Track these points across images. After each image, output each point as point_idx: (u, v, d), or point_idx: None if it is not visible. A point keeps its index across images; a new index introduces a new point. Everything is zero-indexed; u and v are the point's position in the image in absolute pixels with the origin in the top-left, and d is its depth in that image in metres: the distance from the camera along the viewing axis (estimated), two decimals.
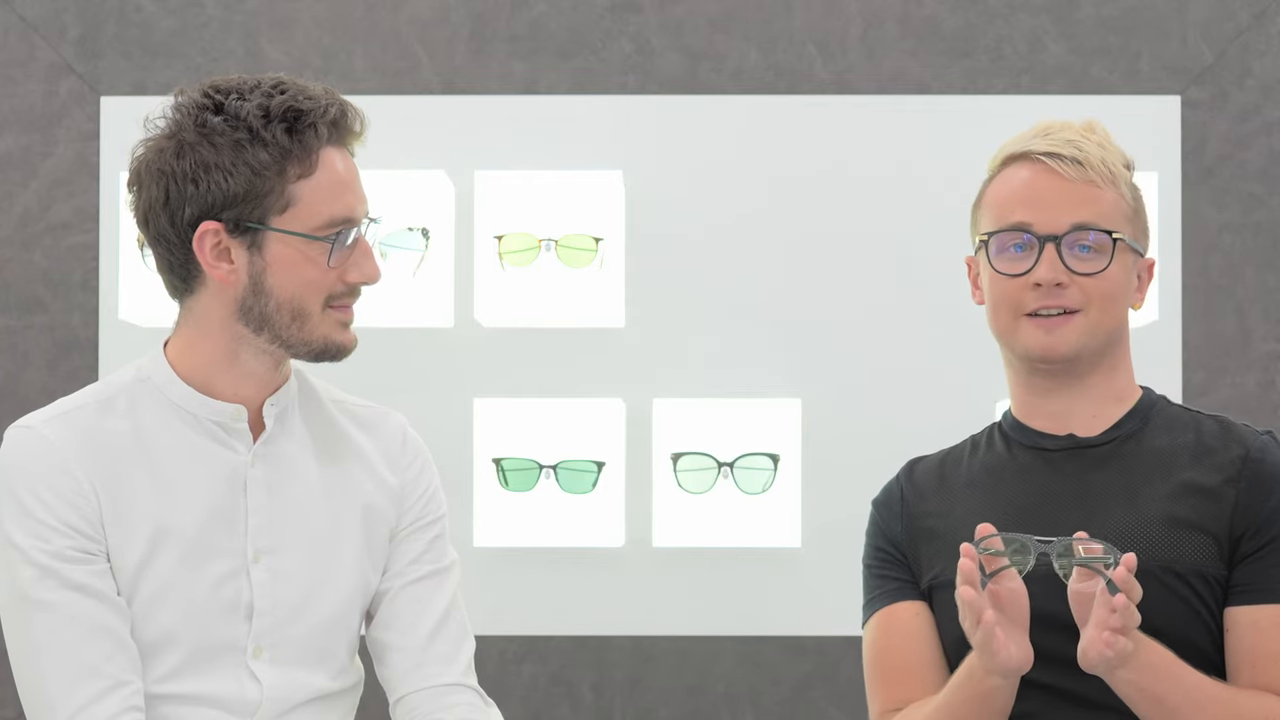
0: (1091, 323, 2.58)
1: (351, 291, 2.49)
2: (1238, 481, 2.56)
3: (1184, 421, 2.64)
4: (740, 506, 4.12)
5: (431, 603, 2.59)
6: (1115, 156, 2.63)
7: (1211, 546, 2.54)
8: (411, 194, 4.09)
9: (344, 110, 2.47)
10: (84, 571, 2.42)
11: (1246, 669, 2.53)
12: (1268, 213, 4.18)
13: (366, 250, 2.49)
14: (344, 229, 2.45)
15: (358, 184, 2.49)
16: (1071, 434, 2.63)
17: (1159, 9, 4.20)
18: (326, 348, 2.48)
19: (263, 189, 2.42)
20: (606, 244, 4.10)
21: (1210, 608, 2.54)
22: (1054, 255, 2.56)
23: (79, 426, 2.47)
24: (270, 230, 2.43)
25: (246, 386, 2.51)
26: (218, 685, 2.47)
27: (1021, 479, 2.63)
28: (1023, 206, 2.60)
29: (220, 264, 2.45)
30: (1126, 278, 2.61)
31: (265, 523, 2.50)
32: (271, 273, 2.44)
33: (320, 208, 2.44)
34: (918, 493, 2.69)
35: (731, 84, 4.21)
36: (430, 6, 4.23)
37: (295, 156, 2.42)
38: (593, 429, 4.13)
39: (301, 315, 2.45)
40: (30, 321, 4.21)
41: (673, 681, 4.21)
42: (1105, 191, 2.60)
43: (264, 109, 2.42)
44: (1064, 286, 2.57)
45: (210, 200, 2.42)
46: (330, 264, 2.44)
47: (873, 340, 4.18)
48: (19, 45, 4.22)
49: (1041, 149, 2.61)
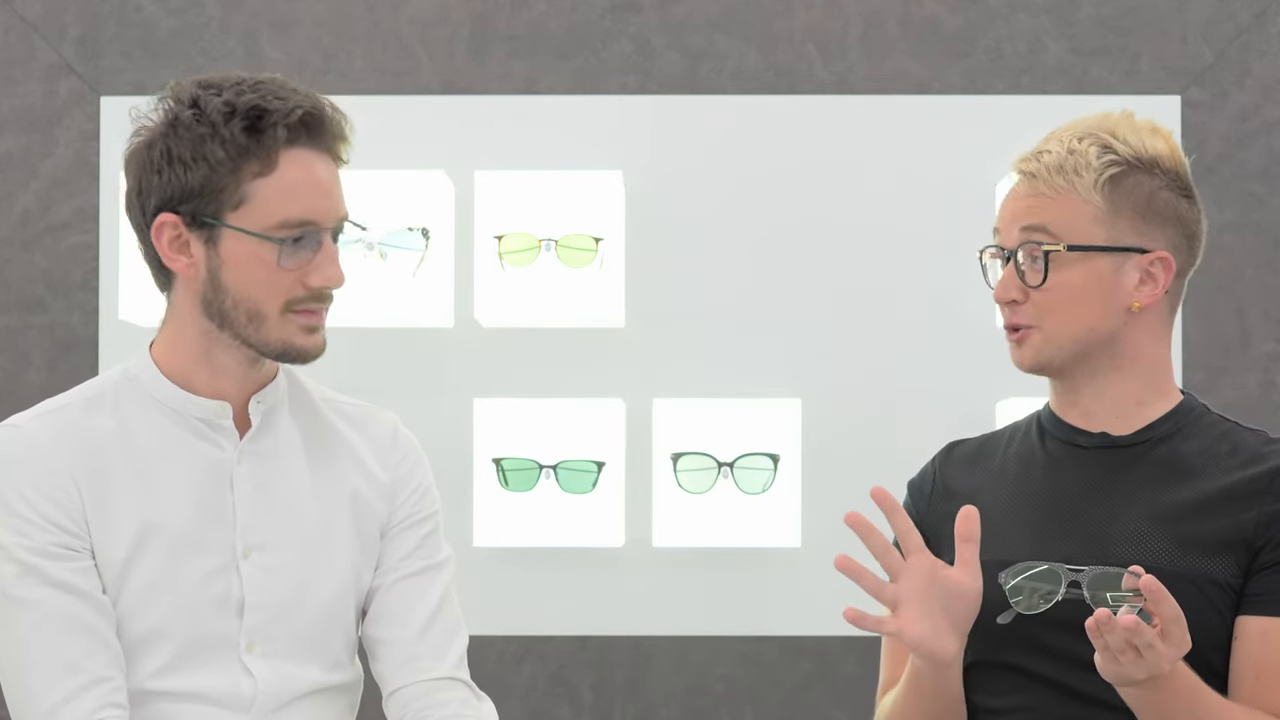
0: (1047, 335, 2.56)
1: (316, 296, 2.47)
2: (1264, 494, 2.53)
3: (1221, 431, 2.61)
4: (740, 506, 4.12)
5: (423, 598, 2.59)
6: (1083, 160, 2.56)
7: (1229, 556, 2.52)
8: (411, 194, 4.09)
9: (318, 113, 2.45)
10: (66, 568, 2.43)
11: (1249, 679, 2.51)
12: (1268, 213, 4.18)
13: (330, 255, 2.46)
14: (301, 232, 2.44)
15: (329, 189, 2.47)
16: (1104, 432, 2.61)
17: (1159, 9, 4.20)
18: (285, 351, 2.48)
19: (217, 184, 2.42)
20: (606, 244, 4.10)
21: (1224, 617, 2.52)
22: (1009, 270, 2.57)
23: (63, 424, 2.48)
24: (225, 227, 2.43)
25: (224, 382, 2.51)
26: (211, 680, 2.47)
27: (1049, 471, 2.62)
28: (998, 220, 2.62)
29: (179, 257, 2.46)
30: (1087, 284, 2.56)
31: (253, 518, 2.50)
32: (226, 270, 2.45)
33: (275, 208, 2.43)
34: (950, 475, 2.69)
35: (731, 84, 4.21)
36: (430, 6, 4.23)
37: (252, 154, 2.42)
38: (593, 429, 4.13)
39: (258, 316, 2.45)
40: (30, 321, 4.21)
41: (673, 681, 4.21)
42: (1056, 201, 2.55)
43: (229, 105, 2.42)
44: (1019, 303, 2.57)
45: (169, 192, 2.44)
46: (280, 264, 2.43)
47: (873, 340, 4.18)
48: (19, 45, 4.22)
49: (1014, 165, 2.61)
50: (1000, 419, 3.98)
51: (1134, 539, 2.53)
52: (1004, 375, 4.12)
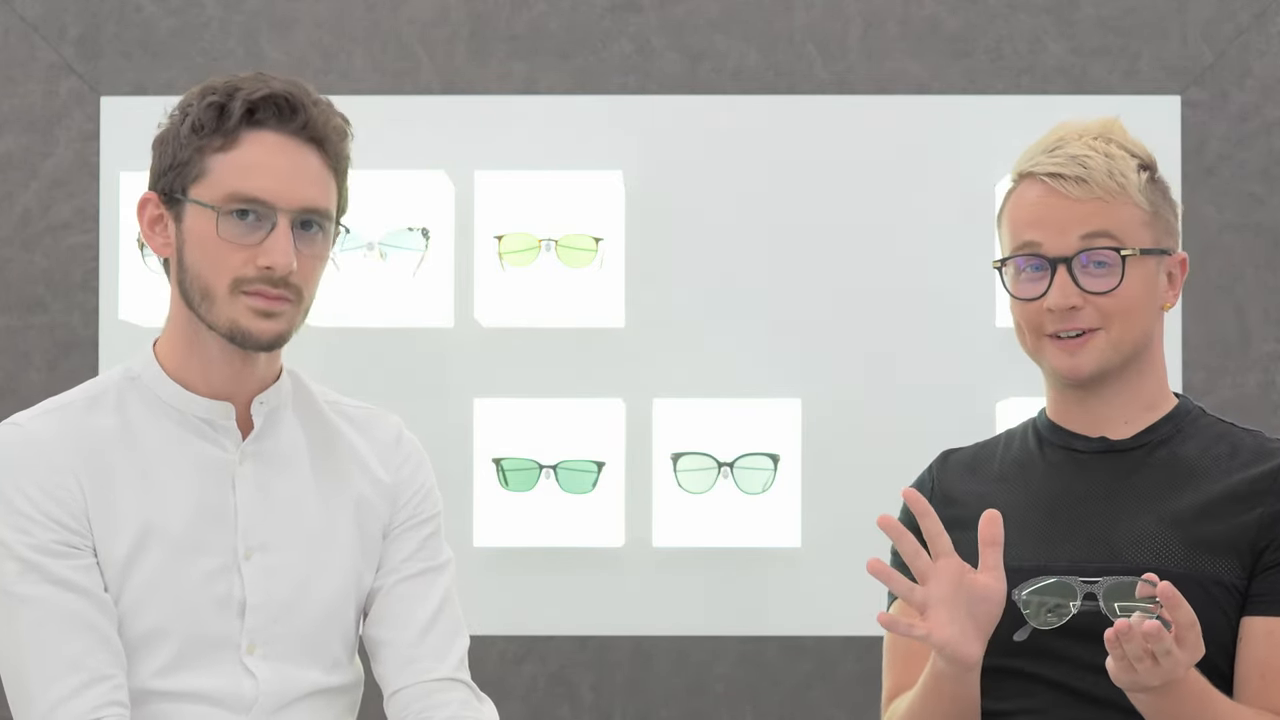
0: (1113, 339, 2.57)
1: (266, 279, 2.46)
2: (1267, 495, 2.54)
3: (1219, 433, 2.62)
4: (740, 506, 4.12)
5: (424, 599, 2.59)
6: (1124, 164, 2.57)
7: (1233, 558, 2.52)
8: (411, 194, 4.09)
9: (289, 98, 2.47)
10: (67, 566, 2.43)
11: (1256, 680, 2.51)
12: (1268, 213, 4.18)
13: (281, 237, 2.45)
14: (248, 206, 2.45)
15: (291, 171, 2.47)
16: (1104, 436, 2.62)
17: (1159, 9, 4.20)
18: (233, 332, 2.47)
19: (183, 159, 2.47)
20: (606, 244, 4.10)
21: (1230, 618, 2.52)
22: (1065, 278, 2.54)
23: (65, 422, 2.49)
24: (187, 201, 2.47)
25: (218, 378, 2.51)
26: (213, 681, 2.48)
27: (1050, 477, 2.62)
28: (1031, 228, 2.58)
29: (156, 236, 2.51)
30: (1147, 287, 2.58)
31: (255, 520, 2.51)
32: (187, 246, 2.48)
33: (226, 180, 2.45)
34: (949, 483, 2.69)
35: (731, 84, 4.21)
36: (430, 6, 4.23)
37: (216, 131, 2.46)
38: (593, 429, 4.13)
39: (208, 294, 2.46)
40: (30, 321, 4.21)
41: (673, 681, 4.21)
42: (1114, 205, 2.56)
43: (210, 89, 2.48)
44: (1078, 309, 2.55)
45: (154, 171, 2.51)
46: (219, 235, 2.44)
47: (873, 340, 4.17)
48: (19, 45, 4.22)
49: (1045, 169, 2.57)
50: (1000, 419, 3.98)
51: (1141, 543, 2.53)
52: (1004, 376, 4.12)
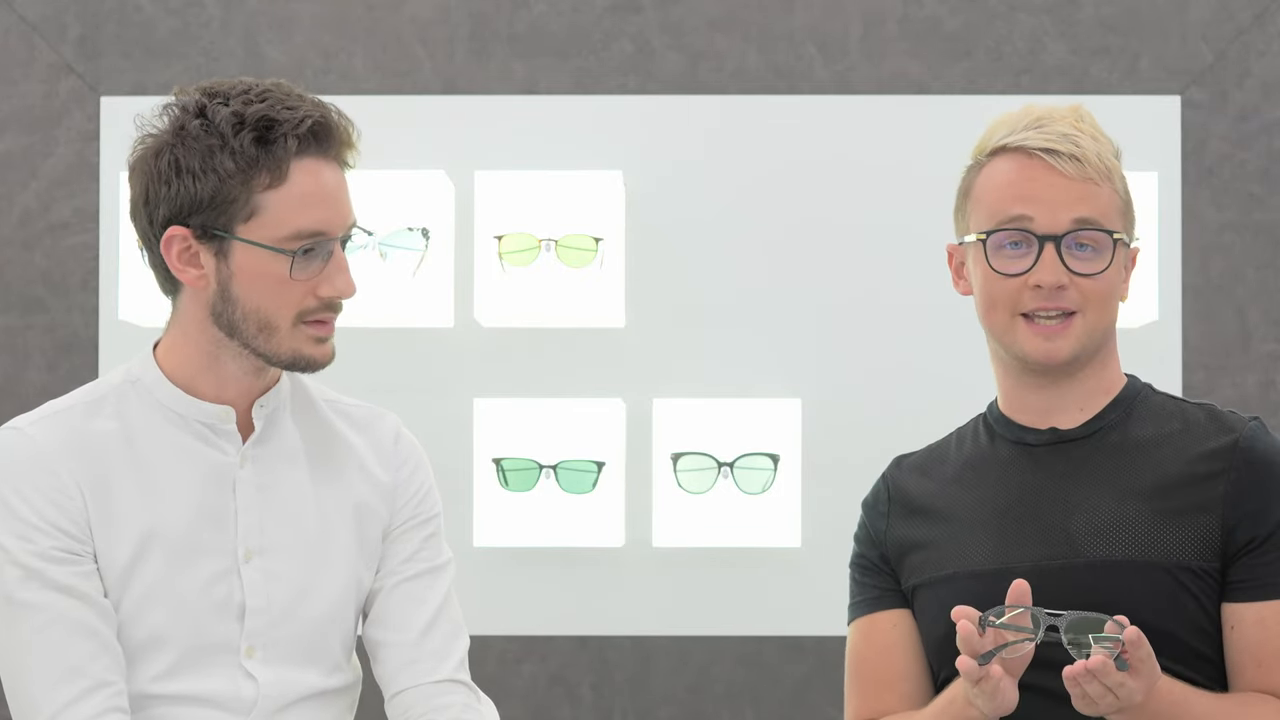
0: (1089, 324, 2.54)
1: (327, 306, 2.45)
2: (1228, 471, 2.51)
3: (1169, 410, 2.59)
4: (740, 506, 4.12)
5: (425, 600, 2.58)
6: (1106, 149, 2.56)
7: (1200, 538, 2.49)
8: (411, 194, 4.09)
9: (326, 123, 2.43)
10: (68, 572, 2.42)
11: (1251, 667, 2.50)
12: (1268, 213, 4.18)
13: (341, 264, 2.44)
14: (312, 242, 2.42)
15: (338, 197, 2.45)
16: (1054, 427, 2.58)
17: (1159, 9, 4.20)
18: (295, 361, 2.46)
19: (228, 196, 2.39)
20: (606, 244, 4.10)
21: (1200, 601, 2.50)
22: (1054, 256, 2.51)
23: (65, 427, 2.47)
24: (236, 239, 2.41)
25: (230, 389, 2.50)
26: (213, 684, 2.47)
27: (1004, 474, 2.59)
28: (1020, 202, 2.54)
29: (188, 269, 2.44)
30: (1120, 275, 2.57)
31: (255, 523, 2.50)
32: (237, 282, 2.43)
33: (287, 219, 2.40)
34: (903, 490, 2.67)
35: (731, 84, 4.21)
36: (430, 6, 4.23)
37: (263, 166, 2.39)
38: (593, 429, 4.13)
39: (268, 328, 2.43)
40: (30, 321, 4.21)
41: (673, 681, 4.21)
42: (1102, 188, 2.54)
43: (238, 116, 2.39)
44: (1064, 289, 2.52)
45: (179, 204, 2.41)
46: (292, 276, 2.41)
47: (872, 340, 4.17)
48: (19, 45, 4.22)
49: (1037, 144, 2.54)
50: None
51: (1100, 533, 2.51)
52: None
